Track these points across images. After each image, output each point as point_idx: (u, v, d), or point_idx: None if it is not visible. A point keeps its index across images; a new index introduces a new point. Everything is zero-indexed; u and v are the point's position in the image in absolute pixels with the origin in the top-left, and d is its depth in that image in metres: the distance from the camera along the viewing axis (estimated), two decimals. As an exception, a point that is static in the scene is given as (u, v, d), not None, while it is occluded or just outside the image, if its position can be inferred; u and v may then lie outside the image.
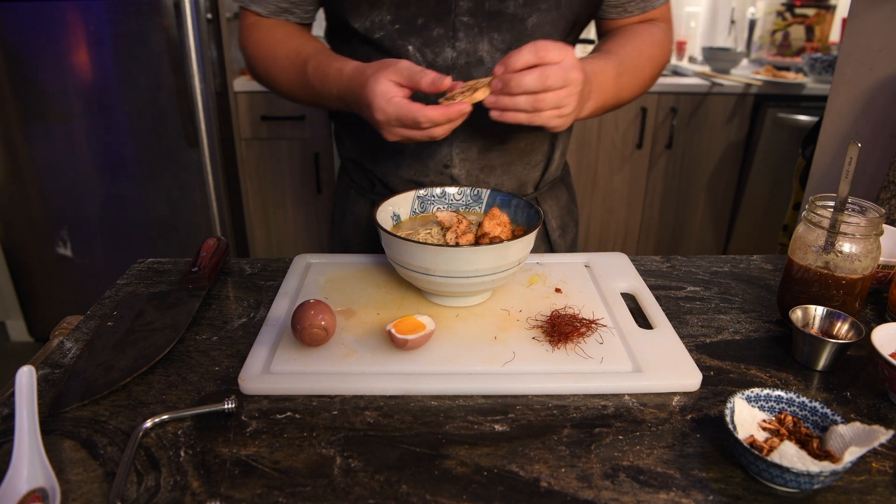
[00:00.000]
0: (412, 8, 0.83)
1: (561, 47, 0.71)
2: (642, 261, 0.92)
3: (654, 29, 0.94)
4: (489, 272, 0.70)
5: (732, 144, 2.53)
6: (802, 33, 2.77)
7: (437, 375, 0.64)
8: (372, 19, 0.84)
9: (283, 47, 0.89)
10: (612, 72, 0.83)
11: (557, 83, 0.70)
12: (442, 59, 0.85)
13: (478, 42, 0.84)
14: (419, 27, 0.83)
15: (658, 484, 0.52)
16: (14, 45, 2.01)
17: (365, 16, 0.84)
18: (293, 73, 0.87)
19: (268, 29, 0.92)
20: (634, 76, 0.88)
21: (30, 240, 2.29)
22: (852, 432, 0.53)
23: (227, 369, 0.66)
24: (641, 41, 0.91)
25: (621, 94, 0.87)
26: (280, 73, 0.90)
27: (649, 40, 0.92)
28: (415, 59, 0.85)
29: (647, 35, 0.92)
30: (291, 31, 0.92)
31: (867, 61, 1.48)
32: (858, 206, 0.72)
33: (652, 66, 0.92)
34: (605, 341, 0.69)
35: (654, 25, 0.95)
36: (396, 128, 0.74)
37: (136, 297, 0.80)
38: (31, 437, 0.52)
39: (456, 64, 0.85)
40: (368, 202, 1.01)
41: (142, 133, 2.14)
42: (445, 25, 0.83)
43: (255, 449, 0.55)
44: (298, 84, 0.87)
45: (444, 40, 0.84)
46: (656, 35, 0.93)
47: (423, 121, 0.71)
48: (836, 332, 0.68)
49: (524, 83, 0.70)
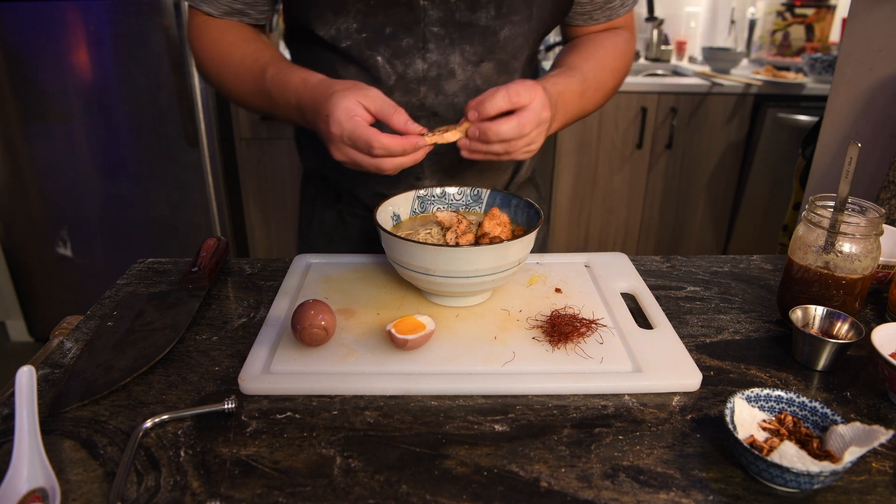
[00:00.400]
0: (379, 16, 0.80)
1: (530, 87, 0.71)
2: (642, 261, 0.92)
3: (618, 39, 0.94)
4: (489, 272, 0.70)
5: (732, 144, 2.53)
6: (802, 33, 2.77)
7: (437, 375, 0.64)
8: (338, 27, 0.81)
9: (238, 51, 0.85)
10: (576, 89, 0.83)
11: (532, 128, 0.71)
12: (413, 71, 0.83)
13: (449, 54, 0.82)
14: (387, 36, 0.81)
15: (658, 484, 0.52)
16: (14, 45, 2.01)
17: (330, 23, 0.81)
18: (249, 79, 0.83)
19: (220, 30, 0.87)
20: (597, 90, 0.89)
21: (30, 240, 2.29)
22: (852, 432, 0.53)
23: (227, 369, 0.66)
24: (605, 53, 0.91)
25: (586, 108, 0.88)
26: (234, 77, 0.86)
27: (613, 52, 0.92)
28: (384, 70, 0.83)
29: (610, 46, 0.92)
30: (246, 34, 0.88)
31: (867, 61, 1.48)
32: (858, 206, 0.72)
33: (614, 77, 0.92)
34: (605, 341, 0.69)
35: (618, 35, 0.94)
36: (347, 147, 0.71)
37: (136, 297, 0.80)
38: (31, 437, 0.52)
39: (427, 76, 0.83)
40: (335, 212, 1.00)
41: (142, 133, 2.14)
42: (415, 35, 0.81)
43: (255, 449, 0.55)
44: (254, 91, 0.84)
45: (415, 51, 0.82)
46: (620, 45, 0.93)
47: (376, 146, 0.69)
48: (836, 332, 0.68)
49: (502, 133, 0.70)
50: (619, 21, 0.96)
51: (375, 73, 0.83)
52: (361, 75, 0.84)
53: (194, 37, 0.90)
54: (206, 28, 0.88)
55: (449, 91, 0.85)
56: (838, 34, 2.75)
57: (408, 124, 0.70)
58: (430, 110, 0.85)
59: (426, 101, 0.85)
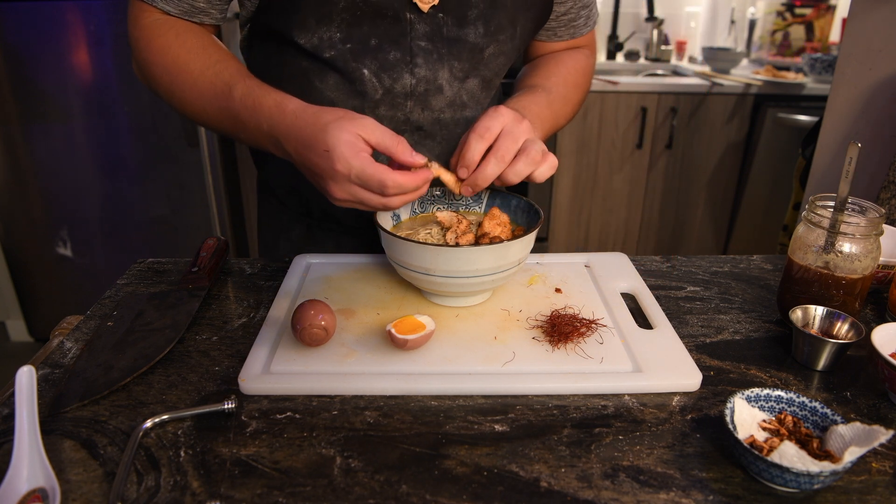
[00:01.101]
0: (364, 27, 0.77)
1: (493, 115, 0.71)
2: (642, 261, 0.92)
3: (579, 56, 0.94)
4: (489, 272, 0.70)
5: (732, 144, 2.54)
6: (802, 33, 2.77)
7: (437, 375, 0.64)
8: (320, 36, 0.78)
9: (198, 62, 0.75)
10: (543, 101, 0.83)
11: (512, 150, 0.70)
12: (401, 86, 0.81)
13: (438, 70, 0.81)
14: (373, 48, 0.79)
15: (658, 484, 0.52)
16: (14, 45, 2.01)
17: (311, 31, 0.77)
18: (210, 95, 0.74)
19: (176, 34, 0.77)
20: (565, 103, 0.89)
21: (30, 240, 2.29)
22: (852, 432, 0.53)
23: (227, 369, 0.66)
24: (566, 70, 0.91)
25: (558, 121, 0.87)
26: (191, 92, 0.76)
27: (573, 68, 0.92)
28: (370, 83, 0.80)
29: (571, 63, 0.92)
30: (205, 40, 0.79)
31: (867, 61, 1.48)
32: (858, 206, 0.72)
33: (578, 92, 0.92)
34: (605, 341, 0.69)
35: (579, 52, 0.95)
36: (354, 186, 0.65)
37: (136, 297, 0.80)
38: (31, 437, 0.52)
39: (415, 91, 0.82)
40: (304, 228, 0.96)
41: (142, 133, 2.14)
42: (402, 49, 0.79)
43: (255, 449, 0.55)
44: (215, 109, 0.74)
45: (403, 65, 0.80)
46: (580, 62, 0.94)
47: (390, 186, 0.63)
48: (836, 332, 0.68)
49: (488, 175, 0.70)
50: (582, 40, 0.97)
51: (361, 86, 0.81)
52: (343, 86, 0.81)
53: (142, 38, 0.78)
54: (157, 29, 0.77)
55: (436, 107, 0.84)
56: (838, 34, 2.75)
57: (413, 156, 0.66)
58: (416, 125, 0.84)
59: (412, 115, 0.84)
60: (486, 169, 0.70)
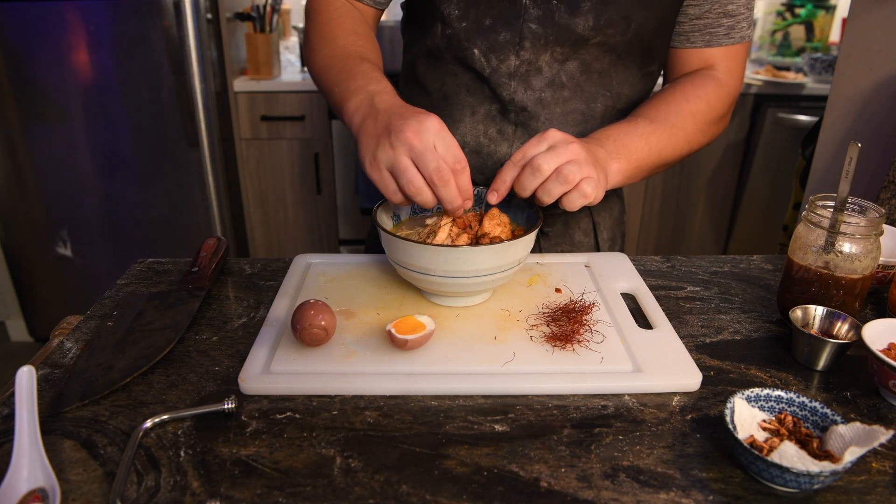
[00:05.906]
0: (481, 7, 0.82)
1: (536, 139, 0.71)
2: (642, 261, 0.92)
3: (703, 80, 0.89)
4: (489, 272, 0.70)
5: (732, 144, 2.53)
6: (802, 33, 2.77)
7: (437, 375, 0.64)
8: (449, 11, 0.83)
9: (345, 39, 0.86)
10: (640, 130, 0.81)
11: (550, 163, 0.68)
12: (505, 67, 0.84)
13: (541, 53, 0.83)
14: (486, 28, 0.83)
15: (658, 484, 0.52)
16: (14, 45, 2.01)
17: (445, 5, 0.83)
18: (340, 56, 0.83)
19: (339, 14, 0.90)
20: (672, 133, 0.84)
21: (30, 240, 2.29)
22: (852, 432, 0.53)
23: (227, 369, 0.66)
24: (681, 96, 0.86)
25: (663, 153, 0.83)
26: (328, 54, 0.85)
27: (692, 94, 0.86)
28: (479, 63, 0.85)
29: (690, 90, 0.87)
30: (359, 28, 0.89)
31: (867, 61, 1.48)
32: (858, 206, 0.72)
33: (695, 120, 0.86)
34: (605, 341, 0.69)
35: (705, 77, 0.89)
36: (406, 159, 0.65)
37: (136, 297, 0.80)
38: (31, 437, 0.52)
39: (517, 72, 0.85)
40: None
41: (142, 133, 2.14)
42: (513, 30, 0.82)
43: (255, 449, 0.55)
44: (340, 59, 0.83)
45: (510, 47, 0.83)
46: (700, 88, 0.87)
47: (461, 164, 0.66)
48: (836, 332, 0.68)
49: (527, 186, 0.70)
50: (718, 52, 0.89)
51: (471, 64, 0.85)
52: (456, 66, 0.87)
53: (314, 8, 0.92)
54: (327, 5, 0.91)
55: (536, 87, 0.86)
56: (838, 34, 2.75)
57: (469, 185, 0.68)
58: (520, 105, 0.87)
59: (516, 95, 0.86)
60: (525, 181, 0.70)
